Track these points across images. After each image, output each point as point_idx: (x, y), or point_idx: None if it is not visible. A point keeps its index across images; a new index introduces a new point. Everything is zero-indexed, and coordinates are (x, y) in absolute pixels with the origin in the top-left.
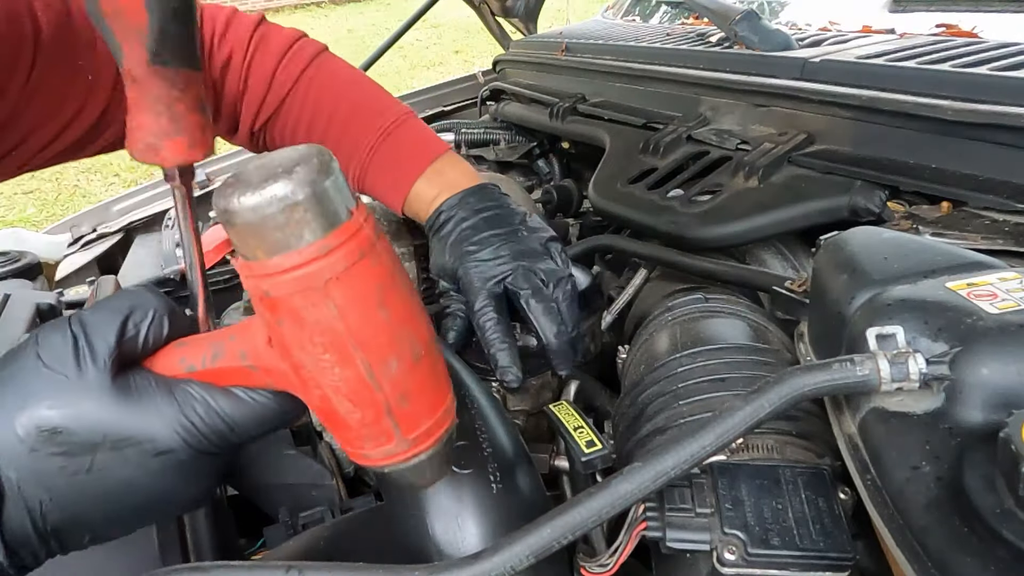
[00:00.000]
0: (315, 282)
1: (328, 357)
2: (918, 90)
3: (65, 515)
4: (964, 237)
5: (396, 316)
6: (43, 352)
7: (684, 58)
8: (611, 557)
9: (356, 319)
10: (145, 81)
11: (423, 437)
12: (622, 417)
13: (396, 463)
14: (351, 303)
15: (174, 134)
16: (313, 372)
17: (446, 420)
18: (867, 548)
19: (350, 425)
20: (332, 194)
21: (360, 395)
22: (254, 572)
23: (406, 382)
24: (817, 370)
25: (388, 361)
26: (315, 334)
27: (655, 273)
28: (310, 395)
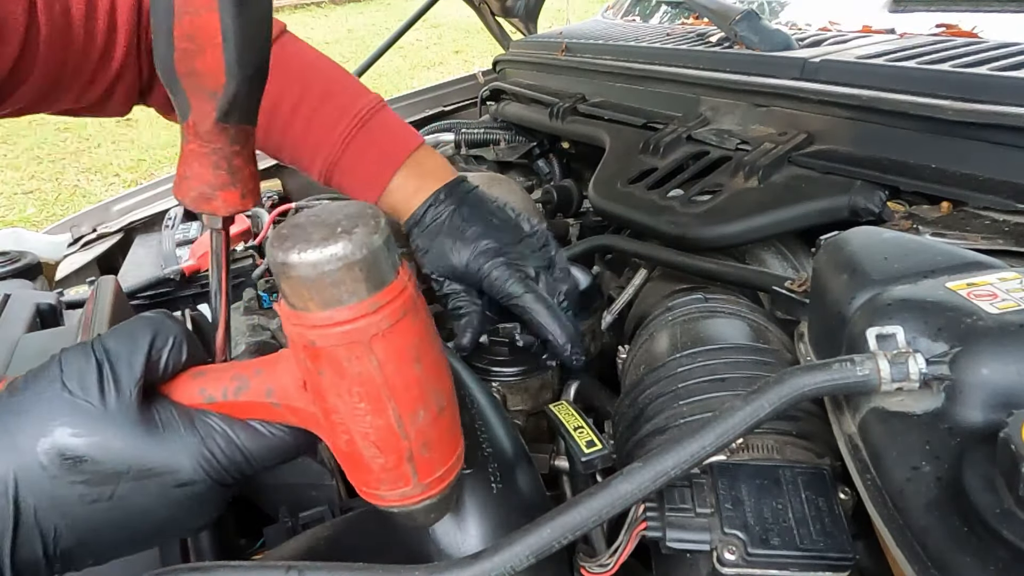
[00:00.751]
0: (361, 337)
1: (363, 406)
2: (918, 90)
3: (77, 540)
4: (964, 237)
5: (428, 370)
6: (67, 379)
7: (684, 58)
8: (611, 557)
9: (393, 372)
10: (209, 137)
11: (436, 482)
12: (622, 417)
13: (407, 505)
14: (391, 358)
15: (230, 186)
16: (345, 418)
17: (457, 466)
18: (867, 548)
19: (371, 469)
20: (384, 255)
21: (387, 442)
22: (254, 572)
23: (429, 432)
24: (817, 370)
25: (417, 412)
26: (354, 384)
27: (655, 273)
28: (336, 438)
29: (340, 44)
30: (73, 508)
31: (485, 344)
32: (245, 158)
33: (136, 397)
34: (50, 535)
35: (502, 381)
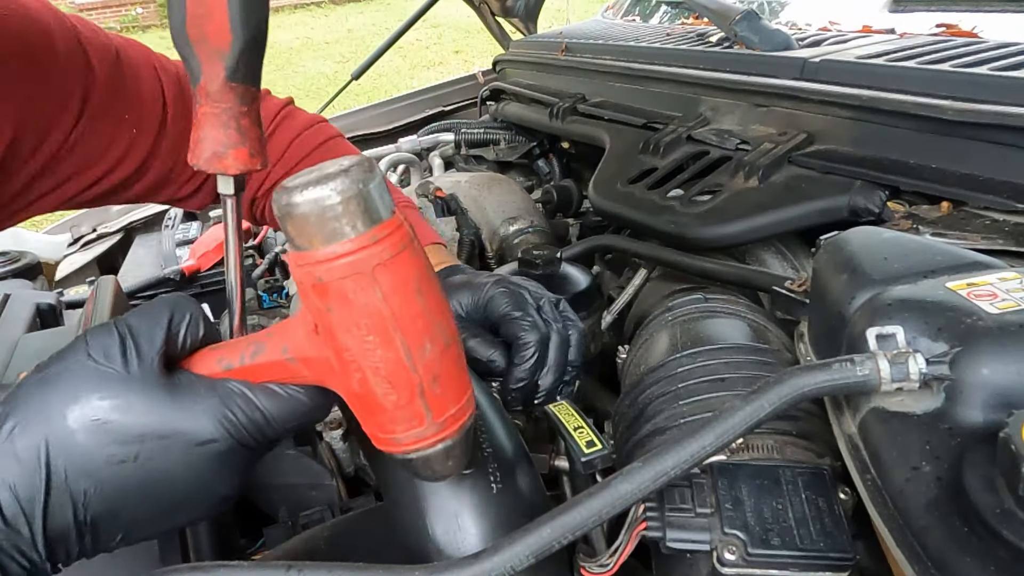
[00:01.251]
0: (365, 267)
1: (372, 339)
2: (918, 90)
3: (106, 506)
4: (964, 237)
5: (431, 304)
6: (92, 350)
7: (684, 58)
8: (611, 557)
9: (398, 303)
10: (219, 96)
11: (450, 421)
12: (622, 417)
13: (424, 447)
14: (394, 288)
15: (240, 144)
16: (356, 354)
17: (469, 407)
18: (867, 548)
19: (385, 408)
20: (378, 194)
21: (398, 375)
22: (254, 572)
23: (438, 365)
24: (817, 370)
25: (424, 344)
26: (362, 317)
27: (655, 273)
28: (349, 379)
29: (340, 44)
30: (101, 471)
31: None
32: (252, 119)
33: (158, 364)
34: (80, 499)
35: None
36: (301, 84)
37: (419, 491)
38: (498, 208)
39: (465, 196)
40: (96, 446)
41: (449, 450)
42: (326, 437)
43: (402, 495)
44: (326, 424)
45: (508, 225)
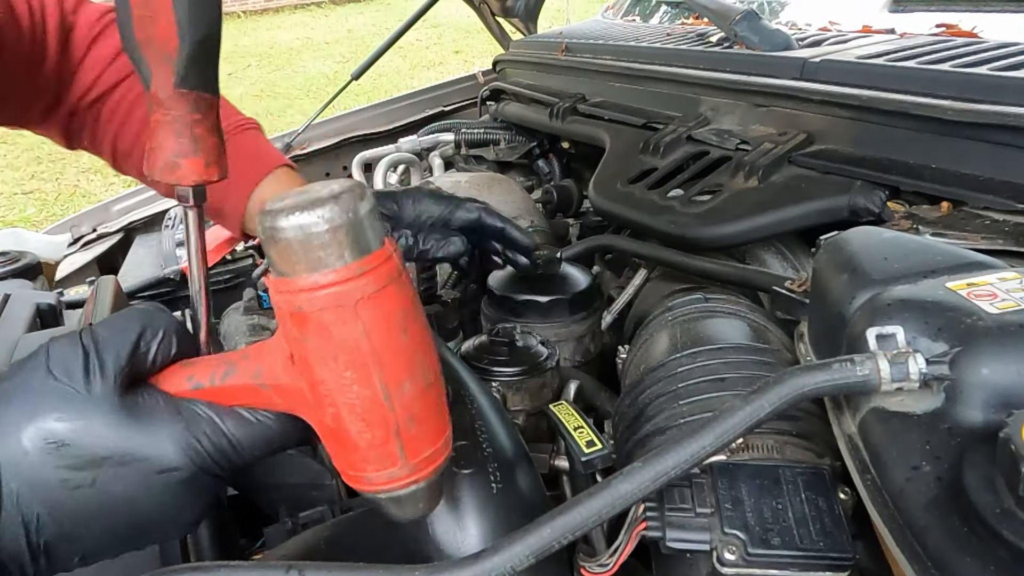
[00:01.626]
0: (347, 300)
1: (349, 375)
2: (918, 90)
3: (60, 531)
4: (964, 237)
5: (414, 342)
6: (53, 365)
7: (684, 58)
8: (611, 557)
9: (380, 340)
10: (169, 103)
11: (424, 463)
12: (622, 417)
13: (395, 488)
14: (377, 324)
15: (193, 154)
16: (332, 389)
17: (445, 450)
18: (867, 548)
19: (358, 446)
20: (369, 223)
21: (373, 414)
22: (254, 572)
23: (416, 405)
24: (817, 370)
25: (403, 383)
26: (340, 351)
27: (655, 273)
28: (323, 414)
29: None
30: (55, 494)
31: (485, 344)
32: (207, 128)
33: (120, 383)
34: (32, 523)
35: (502, 381)
36: (301, 84)
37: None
38: (498, 208)
39: (465, 196)
40: (51, 469)
41: (420, 492)
42: None
43: None
44: None
45: None
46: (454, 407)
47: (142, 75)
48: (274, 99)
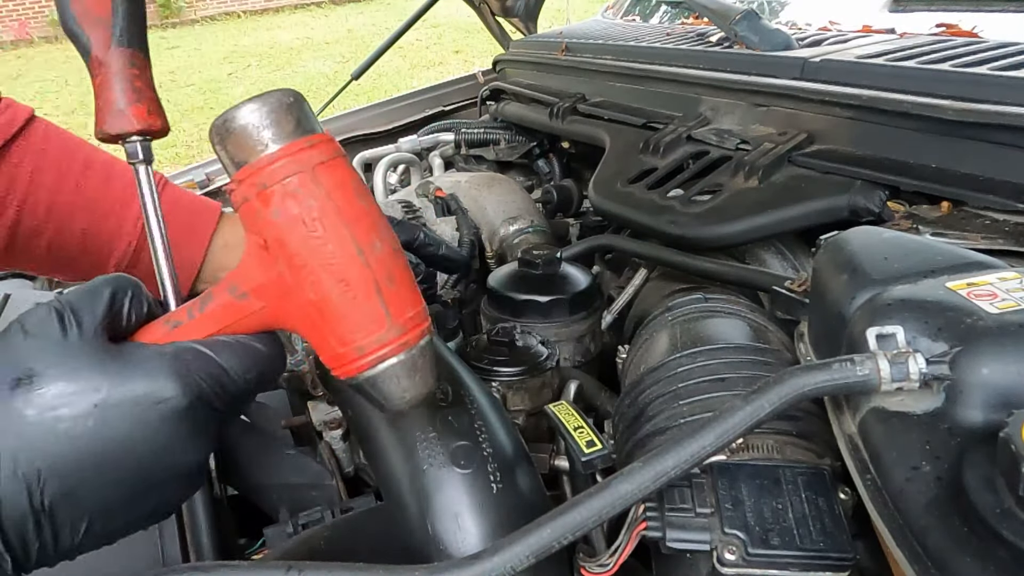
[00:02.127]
0: (305, 165)
1: (320, 233)
2: (918, 90)
3: (63, 487)
4: (964, 237)
5: (375, 211)
6: (28, 325)
7: (684, 58)
8: (611, 557)
9: (342, 200)
10: (110, 60)
11: (411, 324)
12: (622, 417)
13: (388, 355)
14: (337, 186)
15: (137, 102)
16: (308, 256)
17: (427, 317)
18: (867, 548)
19: (343, 311)
20: (308, 111)
21: (351, 270)
22: (254, 572)
23: (390, 263)
24: (817, 370)
25: (373, 242)
26: (308, 213)
27: (655, 273)
28: (304, 290)
29: (340, 44)
30: (52, 446)
31: (485, 344)
32: (145, 82)
33: (100, 334)
34: (33, 480)
35: (502, 381)
36: (301, 84)
37: (420, 491)
38: (498, 208)
39: (465, 196)
40: (44, 419)
41: (414, 362)
42: (326, 437)
43: (402, 495)
44: (326, 424)
45: (508, 225)
46: (454, 407)
47: (81, 46)
48: None
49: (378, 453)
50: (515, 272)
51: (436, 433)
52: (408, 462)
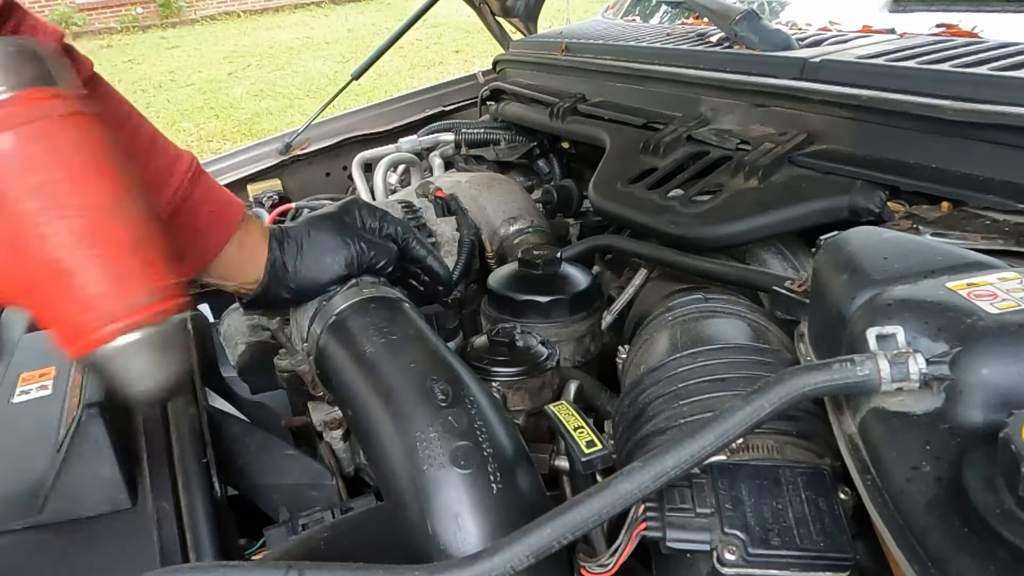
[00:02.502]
0: (49, 112)
1: (65, 185)
2: (918, 90)
3: None
4: (964, 237)
5: (123, 174)
6: None
7: (684, 58)
8: (611, 557)
9: (93, 152)
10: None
11: (167, 295)
12: (622, 417)
13: (138, 322)
14: (84, 140)
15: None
16: (47, 206)
17: (184, 294)
18: (867, 548)
19: (87, 270)
20: (61, 66)
21: (97, 225)
22: (254, 572)
23: (144, 227)
24: (817, 370)
25: (124, 199)
26: (52, 159)
27: (655, 273)
28: (31, 250)
29: (340, 44)
30: None
31: (485, 344)
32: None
33: None
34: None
35: (502, 381)
36: (301, 84)
37: (420, 491)
38: (498, 208)
39: (465, 196)
40: None
41: (166, 340)
42: (326, 437)
43: (403, 495)
44: (326, 424)
45: (508, 225)
46: (454, 407)
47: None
48: (274, 99)
49: (378, 453)
50: (515, 272)
51: (436, 433)
52: (408, 462)
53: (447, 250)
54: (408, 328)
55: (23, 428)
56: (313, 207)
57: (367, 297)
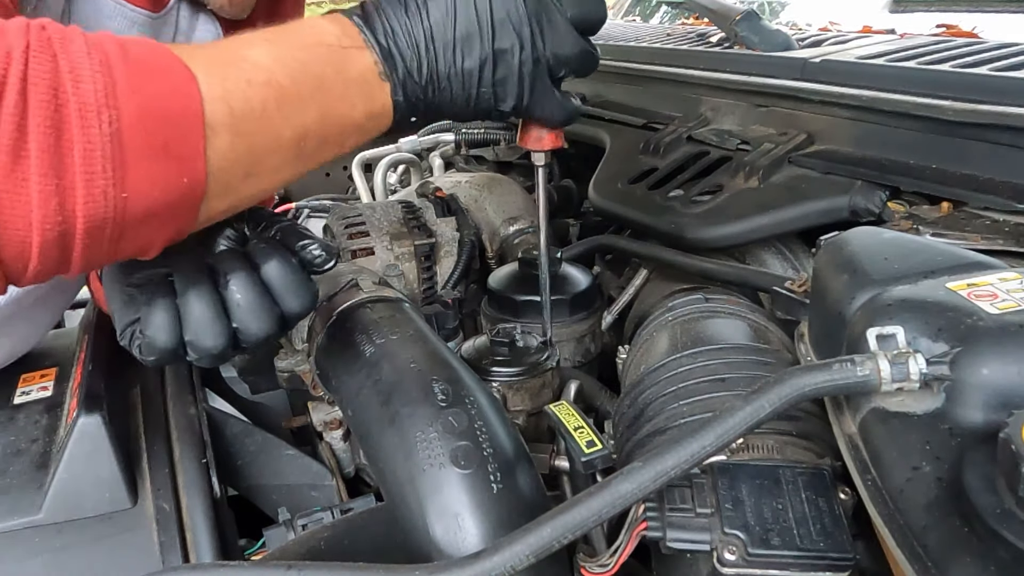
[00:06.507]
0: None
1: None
2: (918, 90)
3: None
4: (964, 237)
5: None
6: None
7: (684, 58)
8: (611, 557)
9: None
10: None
11: None
12: (622, 417)
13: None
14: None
15: None
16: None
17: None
18: (867, 548)
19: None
20: None
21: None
22: (254, 572)
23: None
24: (817, 370)
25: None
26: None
27: (655, 273)
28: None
29: None
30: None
31: (485, 344)
32: None
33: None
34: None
35: (502, 381)
36: None
37: (420, 491)
38: (498, 208)
39: (465, 196)
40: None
41: None
42: (326, 437)
43: (402, 495)
44: (326, 424)
45: (508, 225)
46: (454, 407)
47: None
48: None
49: (378, 453)
50: (515, 272)
51: (436, 433)
52: (408, 462)
53: (447, 250)
54: (408, 328)
55: (23, 428)
56: (313, 207)
57: (367, 297)
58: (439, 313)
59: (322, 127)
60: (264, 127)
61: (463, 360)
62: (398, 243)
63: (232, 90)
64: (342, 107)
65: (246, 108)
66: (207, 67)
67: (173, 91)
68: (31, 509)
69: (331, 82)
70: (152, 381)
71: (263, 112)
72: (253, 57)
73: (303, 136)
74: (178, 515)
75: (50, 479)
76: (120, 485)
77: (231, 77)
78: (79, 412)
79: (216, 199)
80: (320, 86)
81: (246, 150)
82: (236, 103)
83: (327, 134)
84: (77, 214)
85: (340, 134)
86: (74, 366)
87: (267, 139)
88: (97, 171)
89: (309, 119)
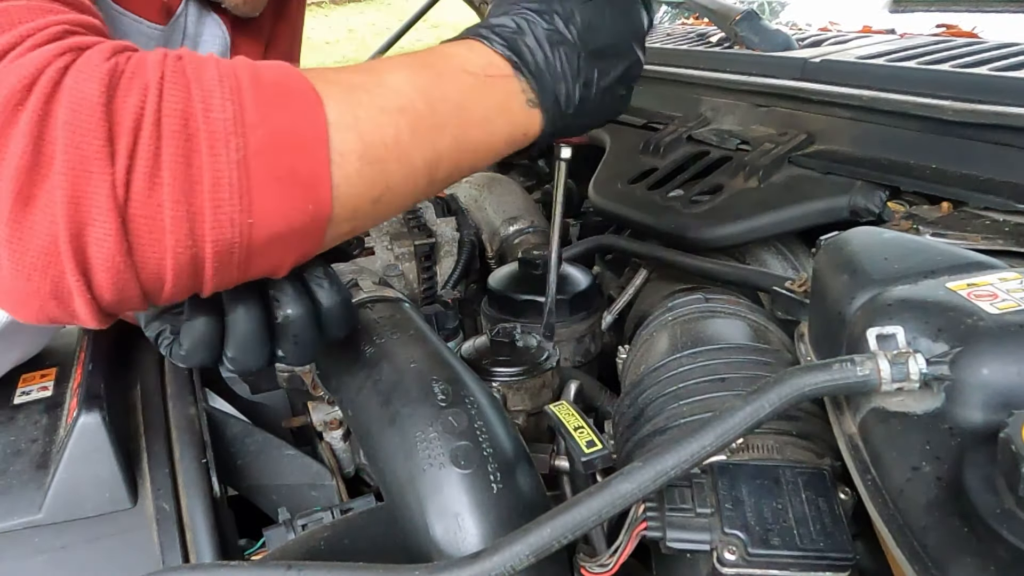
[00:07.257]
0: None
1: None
2: (918, 90)
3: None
4: (964, 237)
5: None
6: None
7: (684, 58)
8: (611, 557)
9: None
10: None
11: None
12: (622, 417)
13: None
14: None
15: None
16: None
17: None
18: (867, 548)
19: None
20: None
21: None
22: (254, 572)
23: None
24: (817, 370)
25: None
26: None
27: (655, 273)
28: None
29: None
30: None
31: (485, 344)
32: None
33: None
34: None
35: (502, 381)
36: None
37: (420, 491)
38: (498, 208)
39: (465, 196)
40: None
41: None
42: (326, 437)
43: (402, 495)
44: (326, 424)
45: (508, 225)
46: (454, 407)
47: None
48: None
49: (378, 453)
50: (515, 272)
51: (436, 433)
52: (408, 462)
53: (447, 250)
54: (408, 328)
55: (23, 428)
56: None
57: (367, 297)
58: (439, 313)
59: (457, 153)
60: (396, 154)
61: (463, 360)
62: (398, 243)
63: (363, 117)
64: (479, 134)
65: (377, 135)
66: (339, 92)
67: (299, 118)
68: (31, 509)
69: (471, 111)
70: (152, 381)
71: (396, 139)
72: (391, 83)
73: (436, 162)
74: (178, 515)
75: (50, 479)
76: (120, 485)
77: (364, 103)
78: (79, 412)
79: (343, 223)
80: (459, 114)
81: (375, 176)
82: (366, 129)
83: (461, 160)
84: (206, 239)
85: (474, 159)
86: (74, 366)
87: (398, 166)
88: (224, 198)
89: (443, 146)
